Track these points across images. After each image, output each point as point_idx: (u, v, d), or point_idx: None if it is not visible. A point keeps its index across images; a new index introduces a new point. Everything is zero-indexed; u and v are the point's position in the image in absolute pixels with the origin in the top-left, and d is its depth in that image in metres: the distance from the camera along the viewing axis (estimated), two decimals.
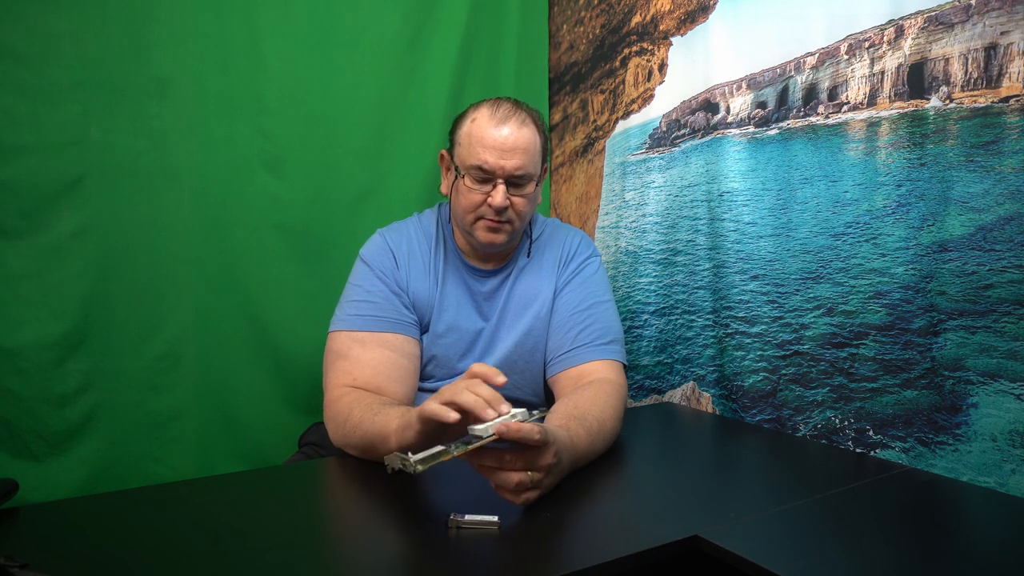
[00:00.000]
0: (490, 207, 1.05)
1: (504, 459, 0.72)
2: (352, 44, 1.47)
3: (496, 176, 1.05)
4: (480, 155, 1.04)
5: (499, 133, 1.04)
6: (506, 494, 0.74)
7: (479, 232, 1.08)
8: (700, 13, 1.38)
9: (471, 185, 1.06)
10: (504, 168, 1.04)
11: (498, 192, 1.05)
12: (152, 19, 1.26)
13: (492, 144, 1.04)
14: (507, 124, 1.05)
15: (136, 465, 1.28)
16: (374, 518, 0.80)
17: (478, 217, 1.07)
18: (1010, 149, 0.90)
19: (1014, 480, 0.87)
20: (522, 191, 1.08)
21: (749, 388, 1.22)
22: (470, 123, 1.08)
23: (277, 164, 1.40)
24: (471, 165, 1.05)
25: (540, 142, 1.09)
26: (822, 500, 0.82)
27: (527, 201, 1.09)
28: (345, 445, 0.97)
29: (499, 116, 1.06)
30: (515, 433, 0.69)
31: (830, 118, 1.14)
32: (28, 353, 1.18)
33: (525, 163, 1.06)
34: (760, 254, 1.23)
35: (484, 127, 1.05)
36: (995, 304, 0.90)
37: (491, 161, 1.04)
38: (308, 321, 1.43)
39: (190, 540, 0.68)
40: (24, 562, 0.57)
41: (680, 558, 0.69)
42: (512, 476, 0.72)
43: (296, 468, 1.02)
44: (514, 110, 1.08)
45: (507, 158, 1.04)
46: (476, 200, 1.06)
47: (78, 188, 1.21)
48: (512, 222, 1.08)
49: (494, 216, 1.06)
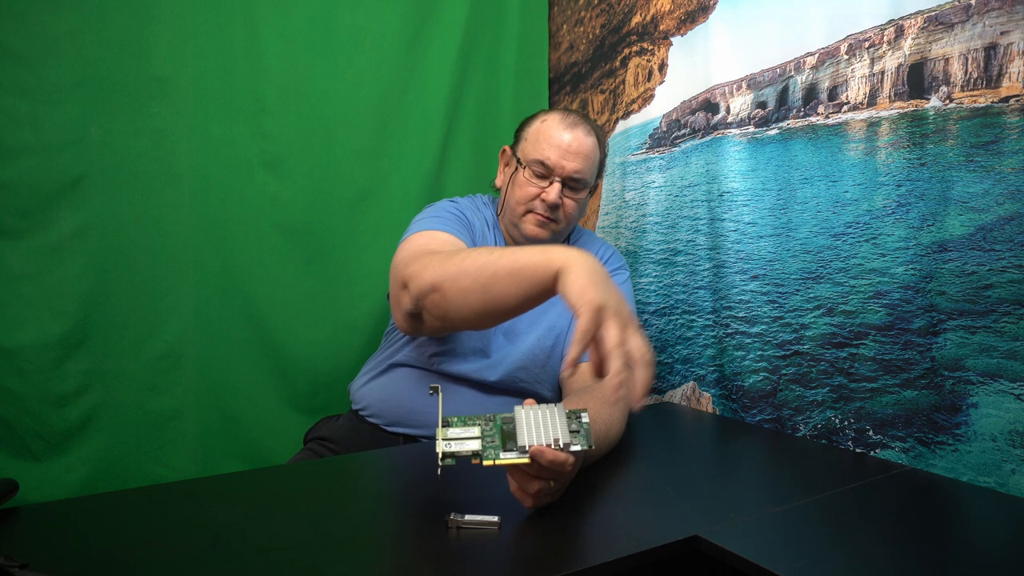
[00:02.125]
0: (543, 202, 1.12)
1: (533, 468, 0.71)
2: (352, 44, 1.46)
3: (555, 174, 1.12)
4: (544, 151, 1.12)
5: (565, 135, 1.13)
6: (521, 495, 0.73)
7: (527, 225, 1.14)
8: (700, 13, 1.38)
9: (529, 178, 1.13)
10: (564, 168, 1.12)
11: (553, 189, 1.11)
12: (152, 19, 1.26)
13: (558, 144, 1.12)
14: (575, 130, 1.14)
15: (136, 465, 1.28)
16: (374, 518, 0.80)
17: (528, 210, 1.14)
18: (1010, 149, 0.90)
19: (1014, 480, 0.87)
20: (576, 195, 1.15)
21: (749, 388, 1.22)
22: (540, 122, 1.16)
23: (277, 164, 1.40)
24: (533, 159, 1.13)
25: (600, 156, 1.18)
26: (822, 500, 0.82)
27: (577, 206, 1.16)
28: (441, 273, 0.87)
29: (568, 121, 1.15)
30: (548, 463, 0.68)
31: (830, 118, 1.14)
32: (28, 353, 1.18)
33: (584, 168, 1.13)
34: (760, 254, 1.23)
35: (553, 127, 1.14)
36: (995, 304, 0.90)
37: (554, 158, 1.12)
38: (308, 321, 1.43)
39: (190, 540, 0.68)
40: (24, 562, 0.57)
41: (680, 558, 0.69)
42: (533, 483, 0.71)
43: (296, 468, 1.02)
44: (583, 120, 1.17)
45: (569, 159, 1.12)
46: (531, 193, 1.13)
47: (78, 188, 1.21)
48: (559, 222, 1.15)
49: (545, 211, 1.13)
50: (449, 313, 0.88)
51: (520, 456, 0.68)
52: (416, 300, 0.92)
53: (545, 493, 0.73)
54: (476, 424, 0.71)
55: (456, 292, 0.86)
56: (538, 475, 0.71)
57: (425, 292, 0.89)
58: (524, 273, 0.80)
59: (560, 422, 0.70)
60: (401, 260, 1.00)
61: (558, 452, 0.68)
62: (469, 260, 0.85)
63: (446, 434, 0.70)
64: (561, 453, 0.68)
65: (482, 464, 0.68)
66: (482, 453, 0.68)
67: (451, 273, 0.86)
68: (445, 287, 0.87)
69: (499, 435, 0.70)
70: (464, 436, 0.69)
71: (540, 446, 0.68)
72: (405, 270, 0.95)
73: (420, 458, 0.99)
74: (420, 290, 0.90)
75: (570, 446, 0.69)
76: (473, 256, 0.86)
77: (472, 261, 0.85)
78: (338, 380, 1.42)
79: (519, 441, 0.68)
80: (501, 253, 0.84)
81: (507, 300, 0.83)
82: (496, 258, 0.83)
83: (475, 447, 0.68)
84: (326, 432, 1.20)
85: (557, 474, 0.71)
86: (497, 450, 0.68)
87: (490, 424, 0.71)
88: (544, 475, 0.71)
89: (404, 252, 1.02)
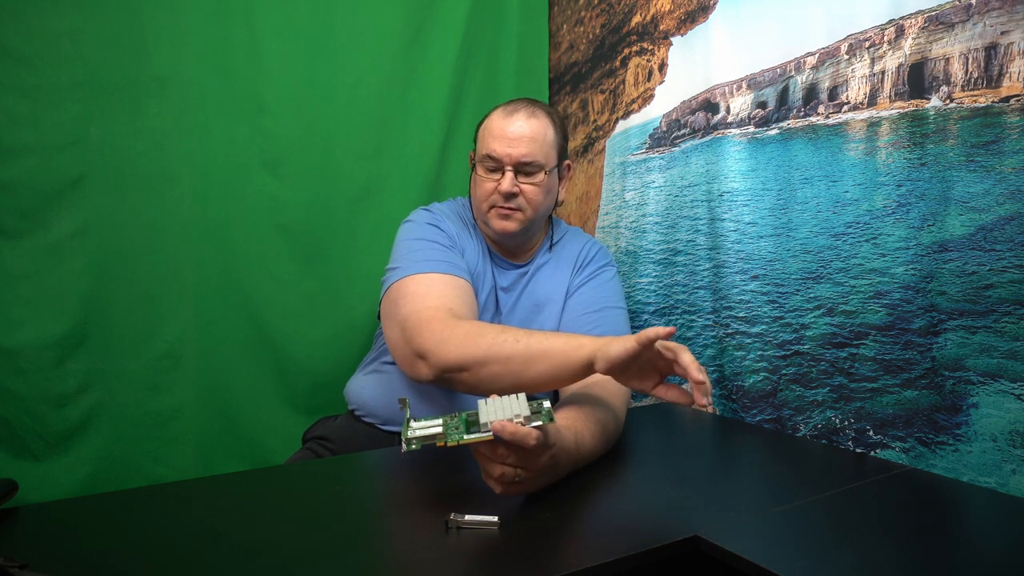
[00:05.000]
0: (500, 194, 1.11)
1: (498, 451, 0.72)
2: (352, 44, 1.47)
3: (504, 163, 1.11)
4: (489, 144, 1.12)
5: (507, 123, 1.13)
6: (488, 480, 0.75)
7: (493, 220, 1.14)
8: (700, 13, 1.38)
9: (483, 174, 1.14)
10: (511, 156, 1.11)
11: (506, 178, 1.11)
12: (152, 19, 1.26)
13: (500, 134, 1.12)
14: (514, 115, 1.13)
15: (136, 465, 1.28)
16: (374, 518, 0.80)
17: (491, 205, 1.13)
18: (1010, 149, 0.90)
19: (1014, 480, 0.87)
20: (531, 179, 1.13)
21: (749, 388, 1.22)
22: (486, 120, 1.17)
23: (277, 164, 1.40)
24: (483, 155, 1.13)
25: (552, 135, 1.15)
26: (822, 500, 0.81)
27: (539, 190, 1.14)
28: (469, 356, 0.92)
29: (509, 109, 1.15)
30: (509, 436, 0.69)
31: (830, 118, 1.14)
32: (28, 353, 1.18)
33: (532, 151, 1.12)
34: (760, 254, 1.23)
35: (495, 119, 1.15)
36: (995, 304, 0.90)
37: (499, 149, 1.11)
38: (308, 321, 1.43)
39: (190, 540, 0.68)
40: (24, 562, 0.57)
41: (680, 558, 0.69)
42: (496, 467, 0.73)
43: (296, 468, 1.02)
44: (526, 104, 1.16)
45: (514, 146, 1.11)
46: (488, 188, 1.13)
47: (78, 188, 1.21)
48: (523, 210, 1.13)
49: (503, 203, 1.12)
50: (480, 388, 0.93)
51: (483, 434, 0.70)
52: (439, 374, 0.95)
53: (510, 479, 0.73)
54: (441, 418, 0.74)
55: (488, 374, 0.92)
56: (502, 460, 0.72)
57: (451, 370, 0.94)
58: (557, 360, 0.88)
59: (521, 404, 0.73)
60: (409, 323, 0.98)
61: (519, 426, 0.69)
62: (496, 347, 0.90)
63: (412, 425, 0.73)
64: (522, 428, 0.69)
65: (447, 445, 0.70)
66: (446, 435, 0.71)
67: (479, 357, 0.91)
68: (474, 369, 0.92)
69: (463, 423, 0.72)
70: (429, 426, 0.73)
71: (501, 421, 0.69)
72: (417, 339, 0.96)
73: (420, 458, 0.99)
74: (444, 367, 0.94)
75: (531, 421, 0.71)
76: (499, 341, 0.91)
77: (499, 348, 0.90)
78: (337, 380, 1.41)
79: (481, 420, 0.71)
80: (528, 341, 0.90)
81: (541, 383, 0.91)
82: (524, 348, 0.89)
83: (438, 431, 0.71)
84: (324, 432, 1.21)
85: (523, 458, 0.72)
86: (461, 433, 0.71)
87: (455, 418, 0.74)
88: (509, 460, 0.72)
89: (405, 308, 1.00)
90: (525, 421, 0.71)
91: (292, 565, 0.63)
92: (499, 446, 0.71)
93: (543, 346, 0.89)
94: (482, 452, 0.73)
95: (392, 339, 1.04)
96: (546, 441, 0.73)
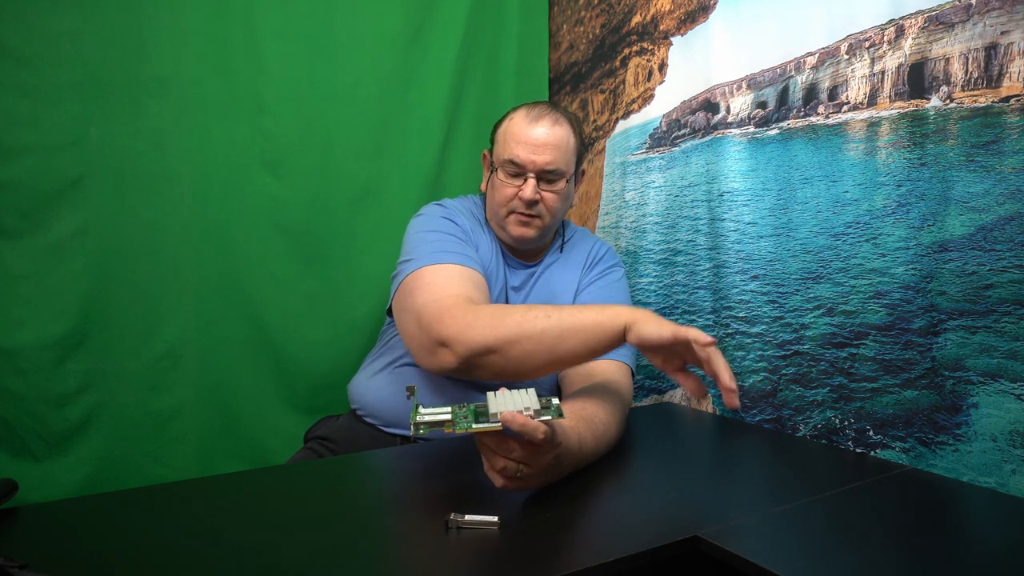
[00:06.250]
0: (521, 200, 1.11)
1: (504, 445, 0.72)
2: (352, 44, 1.46)
3: (527, 170, 1.11)
4: (513, 149, 1.11)
5: (532, 129, 1.11)
6: (490, 472, 0.75)
7: (511, 226, 1.14)
8: (700, 13, 1.38)
9: (504, 179, 1.13)
10: (535, 163, 1.10)
11: (528, 186, 1.10)
12: (152, 19, 1.26)
13: (525, 140, 1.11)
14: (540, 121, 1.12)
15: (136, 465, 1.28)
16: (374, 518, 0.80)
17: (510, 211, 1.13)
18: (1010, 149, 0.90)
19: (1014, 480, 0.87)
20: (553, 187, 1.13)
21: (749, 388, 1.22)
22: (508, 122, 1.16)
23: (277, 164, 1.40)
24: (505, 160, 1.12)
25: (574, 142, 1.15)
26: (822, 500, 0.81)
27: (558, 197, 1.13)
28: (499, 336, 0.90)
29: (534, 115, 1.13)
30: (519, 427, 0.69)
31: (830, 118, 1.14)
32: (28, 353, 1.18)
33: (556, 159, 1.11)
34: (760, 254, 1.23)
35: (519, 123, 1.13)
36: (995, 304, 0.90)
37: (523, 156, 1.10)
38: (308, 321, 1.43)
39: (190, 540, 0.68)
40: (24, 562, 0.57)
41: (680, 558, 0.69)
42: (499, 460, 0.72)
43: (296, 468, 1.02)
44: (549, 110, 1.15)
45: (538, 153, 1.10)
46: (509, 194, 1.12)
47: (78, 188, 1.21)
48: (542, 217, 1.13)
49: (524, 209, 1.11)
50: (508, 370, 0.92)
51: (491, 424, 0.69)
52: (466, 360, 0.92)
53: (512, 473, 0.73)
54: (450, 407, 0.74)
55: (519, 353, 0.90)
56: (507, 453, 0.72)
57: (479, 353, 0.91)
58: (592, 331, 0.88)
59: (531, 398, 0.72)
60: (427, 312, 0.95)
61: (528, 419, 0.69)
62: (527, 323, 0.89)
63: (420, 410, 0.73)
64: (532, 420, 0.69)
65: (455, 432, 0.69)
66: (455, 423, 0.70)
67: (509, 335, 0.90)
68: (504, 349, 0.90)
69: (472, 413, 0.72)
70: (438, 412, 0.72)
71: (511, 412, 0.69)
72: (438, 326, 0.93)
73: (420, 458, 0.99)
74: (471, 351, 0.91)
75: (540, 415, 0.71)
76: (529, 318, 0.90)
77: (531, 324, 0.89)
78: (338, 380, 1.42)
79: (490, 411, 0.71)
80: (560, 315, 0.89)
81: (574, 357, 0.91)
82: (556, 322, 0.89)
83: (447, 417, 0.71)
84: (326, 431, 1.21)
85: (529, 454, 0.72)
86: (469, 422, 0.70)
87: (464, 408, 0.73)
88: (514, 454, 0.72)
89: (422, 297, 0.98)
90: (535, 415, 0.70)
91: (292, 565, 0.63)
92: (505, 439, 0.71)
93: (576, 319, 0.89)
94: (486, 444, 0.73)
95: (408, 330, 1.01)
96: (553, 438, 0.73)
